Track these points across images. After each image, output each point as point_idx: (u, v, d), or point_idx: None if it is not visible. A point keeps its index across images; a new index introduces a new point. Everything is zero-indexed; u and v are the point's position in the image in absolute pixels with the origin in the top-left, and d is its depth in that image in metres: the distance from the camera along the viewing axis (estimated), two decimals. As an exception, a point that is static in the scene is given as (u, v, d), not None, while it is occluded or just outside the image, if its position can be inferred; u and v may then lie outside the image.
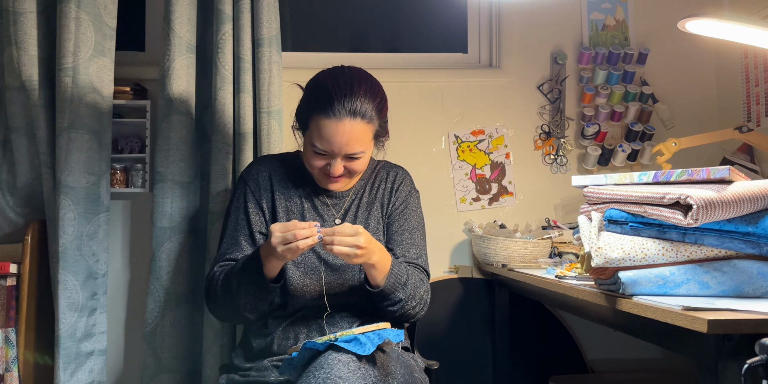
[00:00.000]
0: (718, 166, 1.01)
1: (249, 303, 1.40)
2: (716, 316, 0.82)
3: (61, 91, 1.79)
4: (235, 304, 1.41)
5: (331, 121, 1.39)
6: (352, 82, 1.43)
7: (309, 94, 1.48)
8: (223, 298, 1.43)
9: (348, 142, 1.41)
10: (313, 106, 1.43)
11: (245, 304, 1.40)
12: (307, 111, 1.45)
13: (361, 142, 1.43)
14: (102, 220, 1.88)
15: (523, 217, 2.21)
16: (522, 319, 2.16)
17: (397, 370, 1.28)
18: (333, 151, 1.42)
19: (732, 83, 2.19)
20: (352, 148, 1.42)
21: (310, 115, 1.44)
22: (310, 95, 1.48)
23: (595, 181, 1.13)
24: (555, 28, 2.24)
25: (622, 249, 1.03)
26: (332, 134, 1.40)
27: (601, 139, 2.19)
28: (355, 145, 1.42)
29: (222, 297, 1.43)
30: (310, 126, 1.44)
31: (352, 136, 1.41)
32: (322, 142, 1.41)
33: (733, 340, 0.84)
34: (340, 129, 1.39)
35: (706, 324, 0.80)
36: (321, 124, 1.40)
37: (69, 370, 1.80)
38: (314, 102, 1.44)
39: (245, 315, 1.43)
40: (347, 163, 1.45)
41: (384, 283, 1.39)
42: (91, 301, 1.86)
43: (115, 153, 2.02)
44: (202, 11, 1.96)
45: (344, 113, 1.39)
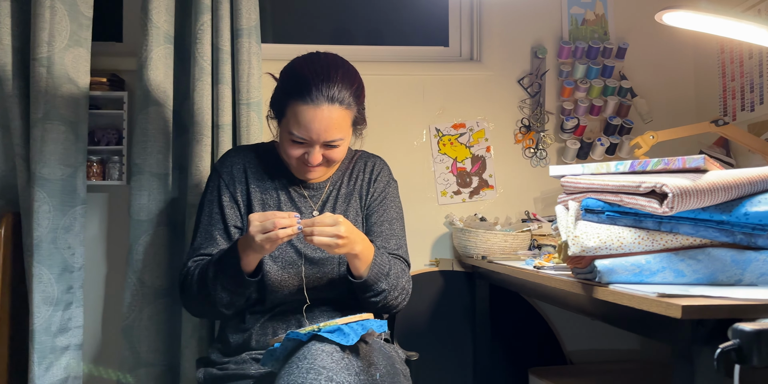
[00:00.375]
0: (693, 156, 1.02)
1: (225, 298, 1.38)
2: (690, 302, 0.83)
3: (35, 82, 1.76)
4: (210, 300, 1.38)
5: (309, 107, 1.36)
6: (329, 68, 1.40)
7: (285, 81, 1.45)
8: (198, 293, 1.40)
9: (327, 128, 1.38)
10: (289, 93, 1.40)
11: (221, 300, 1.38)
12: (284, 98, 1.42)
13: (339, 128, 1.40)
14: (78, 213, 1.85)
15: (503, 210, 2.22)
16: (502, 311, 2.17)
17: (379, 360, 1.28)
18: (311, 139, 1.39)
19: (709, 78, 2.22)
20: (331, 134, 1.39)
21: (286, 102, 1.40)
22: (285, 82, 1.44)
23: (572, 171, 1.14)
24: (535, 22, 2.25)
25: (598, 237, 1.04)
26: (310, 121, 1.37)
27: (580, 132, 2.21)
28: (334, 131, 1.39)
29: (197, 292, 1.40)
30: (287, 113, 1.41)
31: (330, 123, 1.38)
32: (300, 129, 1.38)
33: (707, 325, 0.85)
34: (318, 115, 1.37)
35: (681, 310, 0.81)
36: (298, 111, 1.37)
37: (44, 364, 1.77)
38: (291, 88, 1.40)
39: (221, 310, 1.40)
40: (326, 151, 1.42)
41: (367, 274, 1.37)
42: (67, 295, 1.83)
43: (91, 145, 1.99)
44: (180, 1, 1.94)
45: (322, 99, 1.36)
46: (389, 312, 1.51)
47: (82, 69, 1.84)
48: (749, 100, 2.00)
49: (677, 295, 0.89)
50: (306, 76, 1.39)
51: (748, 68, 2.01)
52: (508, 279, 1.70)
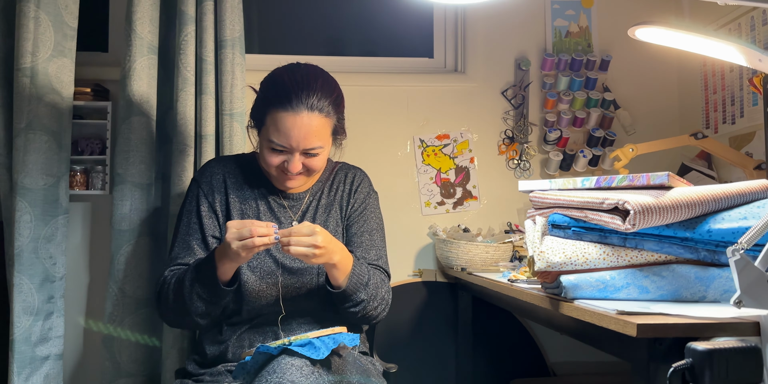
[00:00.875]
0: (657, 173, 1.03)
1: (200, 307, 1.38)
2: (645, 320, 0.83)
3: (18, 92, 1.76)
4: (186, 309, 1.38)
5: (289, 114, 1.38)
6: (308, 77, 1.43)
7: (265, 90, 1.46)
8: (174, 302, 1.40)
9: (306, 135, 1.39)
10: (269, 101, 1.41)
11: (196, 309, 1.38)
12: (263, 106, 1.43)
13: (319, 136, 1.41)
14: (60, 223, 1.85)
15: (486, 221, 2.23)
16: (485, 322, 2.17)
17: (352, 374, 1.28)
18: (291, 146, 1.40)
19: (692, 90, 2.23)
20: (310, 142, 1.40)
21: (266, 110, 1.42)
22: (266, 91, 1.46)
23: (540, 186, 1.15)
24: (519, 34, 2.27)
25: (563, 253, 1.05)
26: (290, 128, 1.38)
27: (563, 144, 2.22)
28: (314, 139, 1.40)
29: (173, 302, 1.41)
30: (267, 121, 1.42)
31: (310, 130, 1.39)
32: (280, 136, 1.39)
33: (664, 343, 0.86)
34: (297, 122, 1.38)
35: (636, 328, 0.82)
36: (278, 118, 1.39)
37: (23, 374, 1.77)
38: (271, 97, 1.42)
39: (196, 320, 1.40)
40: (305, 159, 1.43)
41: (346, 284, 1.38)
42: (48, 305, 1.83)
43: (75, 154, 1.99)
44: (165, 12, 1.95)
45: (302, 106, 1.38)
46: (369, 323, 1.51)
47: (66, 79, 1.85)
48: (730, 112, 2.01)
49: (636, 312, 0.90)
50: (286, 85, 1.41)
51: (730, 81, 2.02)
52: (486, 291, 1.71)
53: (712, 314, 0.87)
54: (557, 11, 2.26)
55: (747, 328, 0.84)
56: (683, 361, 0.78)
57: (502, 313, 2.20)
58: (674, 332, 0.83)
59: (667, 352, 0.86)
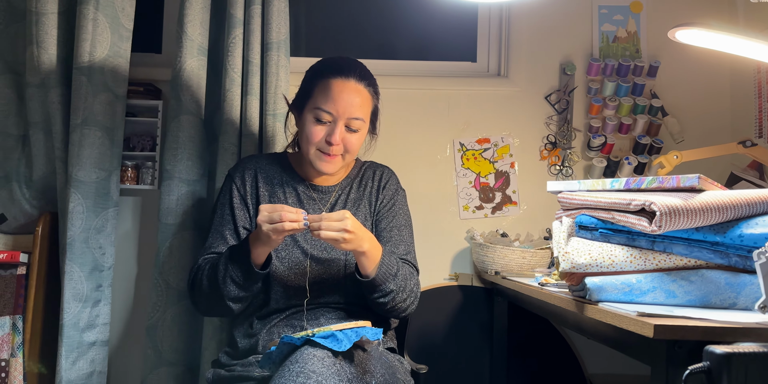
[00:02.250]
0: (688, 175, 1.00)
1: (233, 291, 1.43)
2: (664, 322, 0.82)
3: (76, 89, 1.86)
4: (219, 293, 1.44)
5: (339, 80, 1.48)
6: (355, 60, 1.56)
7: (316, 67, 1.57)
8: (208, 287, 1.46)
9: (352, 103, 1.48)
10: (320, 72, 1.52)
11: (229, 293, 1.43)
12: (313, 79, 1.53)
13: (362, 108, 1.50)
14: (110, 215, 1.94)
15: (525, 226, 2.20)
16: (521, 330, 2.14)
17: (376, 369, 1.29)
18: (337, 112, 1.47)
19: (745, 98, 2.16)
20: (355, 110, 1.48)
21: (316, 82, 1.51)
22: (316, 68, 1.57)
23: (569, 187, 1.13)
24: (565, 38, 2.24)
25: (589, 255, 1.03)
26: (339, 91, 1.47)
27: (608, 151, 2.18)
28: (358, 108, 1.49)
29: (207, 287, 1.46)
30: (315, 91, 1.51)
31: (356, 98, 1.49)
32: (328, 101, 1.47)
33: (684, 347, 0.84)
34: (347, 87, 1.48)
35: (653, 329, 0.80)
36: (328, 84, 1.48)
37: (71, 358, 1.86)
38: (322, 69, 1.53)
39: (229, 305, 1.45)
40: (346, 135, 1.50)
41: (375, 273, 1.40)
42: (96, 293, 1.92)
43: (127, 150, 2.08)
44: (215, 15, 2.02)
45: (352, 75, 1.50)
46: (398, 316, 1.52)
47: (121, 78, 1.94)
48: (784, 121, 1.94)
49: (657, 314, 0.88)
50: (337, 60, 1.55)
51: (784, 89, 1.94)
52: (519, 296, 1.69)
53: (736, 319, 0.84)
54: (605, 16, 2.23)
55: (772, 335, 0.81)
56: (700, 364, 0.76)
57: (539, 321, 2.16)
58: (693, 335, 0.81)
59: (688, 356, 0.84)
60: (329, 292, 1.50)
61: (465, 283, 2.18)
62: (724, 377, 0.74)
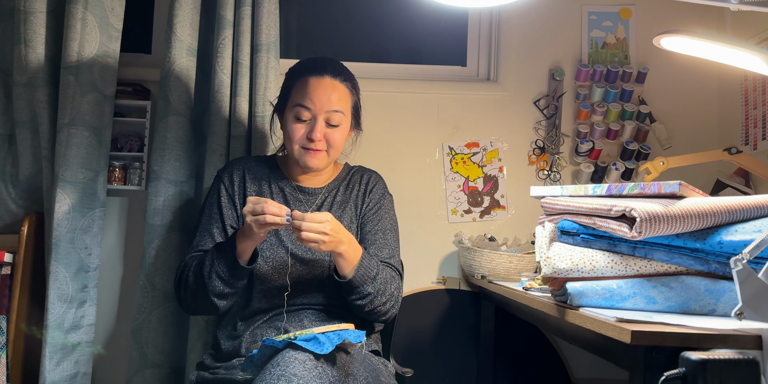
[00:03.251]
0: (669, 181, 1.01)
1: (218, 287, 1.43)
2: (641, 328, 0.82)
3: (63, 89, 1.85)
4: (205, 290, 1.44)
5: (314, 78, 1.53)
6: (331, 58, 1.62)
7: (292, 69, 1.61)
8: (194, 283, 1.46)
9: (329, 96, 1.52)
10: (296, 73, 1.57)
11: (214, 288, 1.43)
12: (290, 80, 1.58)
13: (340, 101, 1.53)
14: (97, 215, 1.93)
15: (513, 231, 2.21)
16: (508, 334, 2.15)
17: (359, 372, 1.29)
18: (315, 108, 1.51)
19: (732, 105, 2.17)
20: (332, 103, 1.52)
21: (293, 82, 1.56)
22: (293, 69, 1.61)
23: (551, 192, 1.14)
24: (554, 44, 2.25)
25: (570, 260, 1.04)
26: (315, 87, 1.52)
27: (595, 156, 2.19)
28: (335, 102, 1.52)
29: (193, 283, 1.46)
30: (293, 92, 1.55)
31: (333, 93, 1.52)
32: (305, 97, 1.51)
33: (662, 353, 0.84)
34: (322, 83, 1.52)
35: (630, 335, 0.81)
36: (305, 82, 1.53)
37: (55, 359, 1.85)
38: (298, 69, 1.58)
39: (214, 301, 1.45)
40: (327, 130, 1.53)
41: (352, 274, 1.41)
42: (81, 293, 1.91)
43: (115, 151, 2.08)
44: (205, 16, 2.02)
45: (326, 71, 1.54)
46: (378, 319, 1.53)
47: (109, 78, 1.93)
48: (770, 129, 1.95)
49: (635, 320, 0.88)
50: (312, 60, 1.60)
51: (771, 96, 1.96)
52: (505, 300, 1.69)
53: (713, 325, 0.85)
54: (594, 22, 2.24)
55: (748, 341, 0.81)
56: (676, 370, 0.77)
57: (526, 325, 2.17)
58: (670, 341, 0.81)
59: (665, 362, 0.84)
60: (312, 293, 1.51)
61: (452, 287, 2.18)
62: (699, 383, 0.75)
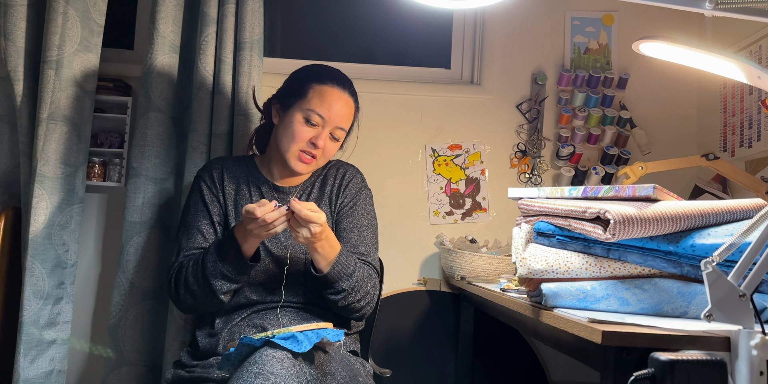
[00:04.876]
0: (643, 184, 1.02)
1: (225, 285, 1.43)
2: (612, 329, 0.83)
3: (43, 83, 1.83)
4: (208, 290, 1.43)
5: (336, 89, 1.53)
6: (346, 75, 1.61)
7: (312, 70, 1.60)
8: (195, 284, 1.45)
9: (343, 113, 1.54)
10: (316, 76, 1.56)
11: (222, 287, 1.43)
12: (307, 80, 1.56)
13: (348, 120, 1.57)
14: (75, 211, 1.91)
15: (494, 233, 2.22)
16: (487, 336, 2.15)
17: (337, 371, 1.29)
18: (329, 118, 1.52)
19: (711, 112, 2.20)
20: (343, 121, 1.54)
21: (311, 84, 1.54)
22: (313, 71, 1.59)
23: (528, 194, 1.15)
24: (537, 49, 2.27)
25: (546, 261, 1.05)
26: (335, 100, 1.52)
27: (576, 160, 2.21)
28: (346, 120, 1.55)
29: (194, 284, 1.45)
30: (310, 93, 1.53)
31: (347, 109, 1.55)
32: (323, 106, 1.51)
33: (633, 354, 0.85)
34: (342, 98, 1.54)
35: (601, 335, 0.81)
36: (325, 90, 1.52)
37: (29, 356, 1.82)
38: (320, 73, 1.56)
39: (220, 299, 1.45)
40: (328, 141, 1.54)
41: (327, 270, 1.42)
42: (58, 290, 1.89)
43: (95, 147, 2.06)
44: (189, 13, 2.01)
45: (346, 88, 1.56)
46: (352, 315, 1.53)
47: (90, 73, 1.91)
48: (748, 136, 1.98)
49: (607, 321, 0.89)
50: (333, 70, 1.59)
51: (748, 104, 1.99)
52: (484, 301, 1.70)
53: (683, 327, 0.86)
54: (577, 27, 2.27)
55: (717, 343, 0.82)
56: (644, 371, 0.78)
57: (505, 327, 2.18)
58: (640, 342, 0.82)
59: (636, 364, 0.85)
60: (292, 290, 1.50)
61: (433, 288, 2.19)
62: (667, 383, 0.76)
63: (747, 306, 0.81)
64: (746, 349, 0.79)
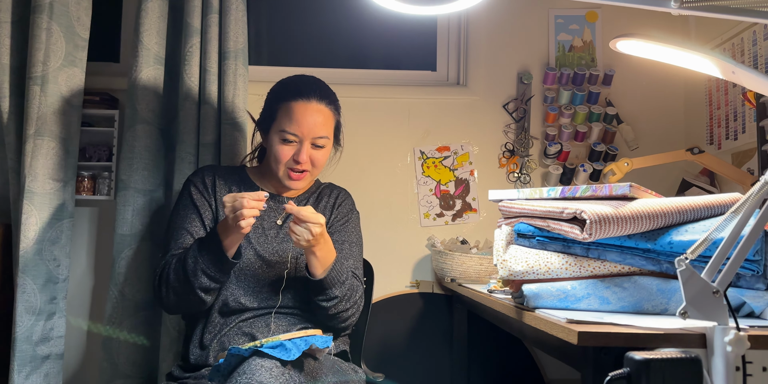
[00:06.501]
0: (620, 183, 1.02)
1: (204, 282, 1.43)
2: (587, 329, 0.83)
3: (29, 99, 1.84)
4: (188, 287, 1.43)
5: (300, 103, 1.52)
6: (314, 78, 1.60)
7: (276, 90, 1.60)
8: (175, 281, 1.45)
9: (315, 123, 1.52)
10: (281, 95, 1.56)
11: (201, 284, 1.43)
12: (275, 102, 1.57)
13: (325, 126, 1.54)
14: (65, 226, 1.91)
15: (485, 233, 2.22)
16: (481, 336, 2.16)
17: (328, 378, 1.30)
18: (302, 134, 1.51)
19: (697, 106, 2.21)
20: (318, 130, 1.52)
21: (278, 105, 1.55)
22: (277, 91, 1.60)
23: (509, 196, 1.15)
24: (522, 48, 2.28)
25: (526, 262, 1.05)
26: (302, 115, 1.51)
27: (564, 158, 2.21)
28: (321, 127, 1.53)
29: (174, 280, 1.45)
30: (278, 114, 1.54)
31: (319, 118, 1.53)
32: (292, 124, 1.51)
33: (611, 354, 0.85)
34: (309, 109, 1.52)
35: (577, 336, 0.82)
36: (291, 107, 1.52)
37: (24, 372, 1.82)
38: (283, 92, 1.57)
39: (200, 296, 1.44)
40: (312, 152, 1.54)
41: (324, 276, 1.43)
42: (50, 306, 1.89)
43: (83, 161, 2.06)
44: (173, 24, 2.02)
45: (313, 96, 1.54)
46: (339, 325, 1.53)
47: (76, 88, 1.92)
48: (733, 128, 1.98)
49: (586, 321, 0.89)
50: (296, 82, 1.58)
51: (732, 97, 1.99)
52: (474, 302, 1.70)
53: (660, 325, 0.86)
54: (561, 25, 2.27)
55: (693, 340, 0.83)
56: (620, 371, 0.78)
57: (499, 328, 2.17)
58: (616, 341, 0.82)
59: (614, 363, 0.85)
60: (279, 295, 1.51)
61: (426, 291, 2.19)
62: (643, 382, 0.76)
63: (721, 302, 0.81)
64: (721, 345, 0.79)
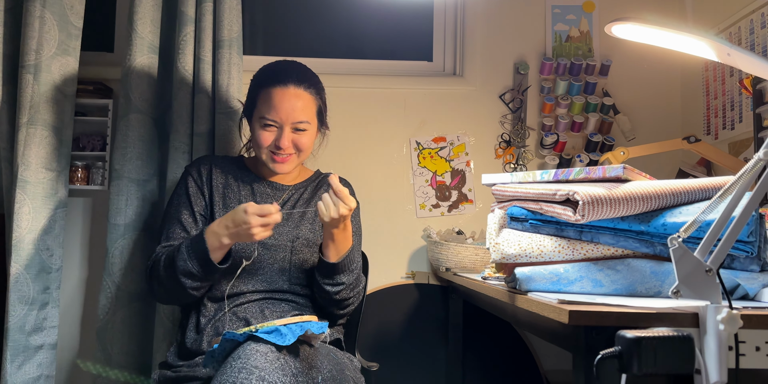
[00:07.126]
0: (613, 165, 1.02)
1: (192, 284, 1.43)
2: (578, 308, 0.82)
3: (22, 88, 1.83)
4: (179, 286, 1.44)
5: (278, 89, 1.51)
6: (293, 63, 1.59)
7: (256, 76, 1.60)
8: (166, 279, 1.45)
9: (294, 108, 1.50)
10: (260, 82, 1.55)
11: (191, 284, 1.43)
12: (255, 89, 1.56)
13: (306, 110, 1.52)
14: (58, 216, 1.90)
15: (481, 224, 2.21)
16: (477, 327, 2.15)
17: (323, 364, 1.29)
18: (281, 119, 1.50)
19: (695, 96, 2.20)
20: (297, 115, 1.51)
21: (258, 92, 1.54)
22: (257, 77, 1.59)
23: (502, 180, 1.14)
24: (518, 38, 2.26)
25: (519, 245, 1.04)
26: (280, 100, 1.50)
27: (560, 149, 2.20)
28: (300, 112, 1.51)
29: (165, 278, 1.46)
30: (258, 101, 1.53)
31: (298, 103, 1.51)
32: (270, 110, 1.50)
33: (603, 334, 0.84)
34: (287, 94, 1.50)
35: (568, 315, 0.81)
36: (269, 94, 1.51)
37: (16, 362, 1.81)
38: (262, 78, 1.56)
39: (190, 293, 1.45)
40: (294, 136, 1.53)
41: (337, 261, 1.44)
42: (43, 295, 1.88)
43: (77, 150, 2.05)
44: (167, 13, 2.00)
45: (290, 81, 1.52)
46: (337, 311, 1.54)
47: (69, 77, 1.91)
48: (730, 118, 1.97)
49: (577, 301, 0.88)
50: (274, 68, 1.57)
51: (729, 86, 1.98)
52: (469, 291, 1.70)
53: (652, 305, 0.85)
54: (558, 16, 2.26)
55: (685, 319, 0.82)
56: (611, 349, 0.77)
57: (494, 318, 2.17)
58: (608, 321, 0.81)
59: (606, 343, 0.84)
60: (275, 279, 1.50)
61: (421, 282, 2.18)
62: (634, 361, 0.75)
63: (714, 281, 0.80)
64: (714, 324, 0.78)
